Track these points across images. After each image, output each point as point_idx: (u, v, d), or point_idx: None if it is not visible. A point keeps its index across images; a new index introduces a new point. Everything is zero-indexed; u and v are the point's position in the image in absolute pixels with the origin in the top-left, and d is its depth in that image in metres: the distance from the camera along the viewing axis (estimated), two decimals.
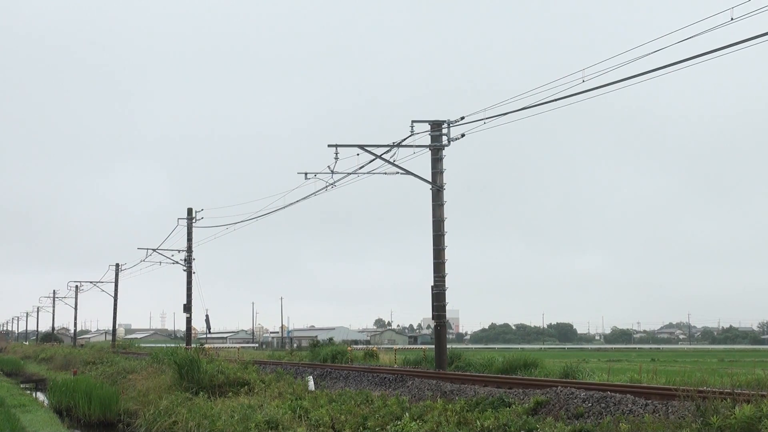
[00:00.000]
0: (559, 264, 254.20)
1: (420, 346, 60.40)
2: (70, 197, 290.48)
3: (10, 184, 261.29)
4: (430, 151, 27.33)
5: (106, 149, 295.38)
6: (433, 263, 27.03)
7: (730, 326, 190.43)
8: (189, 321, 50.14)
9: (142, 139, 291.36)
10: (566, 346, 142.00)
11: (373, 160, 28.23)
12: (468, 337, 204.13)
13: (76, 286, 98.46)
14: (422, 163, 27.56)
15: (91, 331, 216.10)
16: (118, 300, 79.15)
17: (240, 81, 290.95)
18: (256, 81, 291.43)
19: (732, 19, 16.29)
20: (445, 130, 27.01)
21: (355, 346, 54.80)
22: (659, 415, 13.14)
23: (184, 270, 49.67)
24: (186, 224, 49.48)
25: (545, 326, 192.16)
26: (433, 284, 27.00)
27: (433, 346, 28.61)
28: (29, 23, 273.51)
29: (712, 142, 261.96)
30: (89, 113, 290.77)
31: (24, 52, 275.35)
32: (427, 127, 27.17)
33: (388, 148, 27.84)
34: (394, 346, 52.86)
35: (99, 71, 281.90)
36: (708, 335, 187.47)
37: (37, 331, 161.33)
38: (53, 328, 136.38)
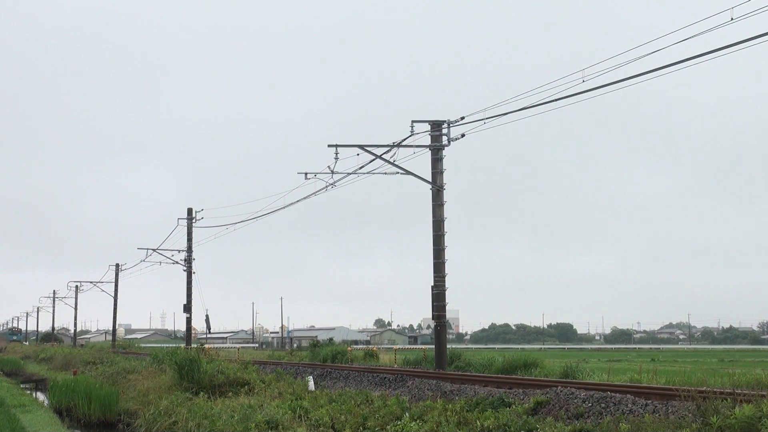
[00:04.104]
0: (559, 264, 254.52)
1: (420, 346, 60.37)
2: (70, 197, 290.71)
3: (11, 183, 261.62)
4: (430, 151, 27.34)
5: (107, 149, 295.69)
6: (433, 263, 27.04)
7: (730, 326, 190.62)
8: (189, 321, 50.16)
9: (143, 138, 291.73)
10: (566, 346, 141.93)
11: (373, 160, 28.26)
12: (468, 337, 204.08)
13: (76, 286, 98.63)
14: (422, 163, 27.62)
15: (91, 331, 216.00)
16: (118, 300, 79.31)
17: (240, 82, 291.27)
18: (257, 82, 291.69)
19: (732, 19, 16.30)
20: (445, 130, 27.02)
21: (355, 346, 54.81)
22: (659, 415, 13.14)
23: (184, 270, 49.71)
24: (186, 224, 49.53)
25: (545, 326, 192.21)
26: (433, 284, 27.00)
27: (433, 346, 28.61)
28: (37, 22, 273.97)
29: (715, 141, 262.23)
30: (92, 112, 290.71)
31: (30, 51, 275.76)
32: (427, 127, 27.18)
33: (388, 148, 27.86)
34: (394, 346, 52.83)
35: (103, 70, 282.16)
36: (708, 335, 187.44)
37: (37, 331, 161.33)
38: (53, 328, 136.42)
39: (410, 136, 27.06)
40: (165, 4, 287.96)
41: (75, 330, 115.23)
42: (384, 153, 27.97)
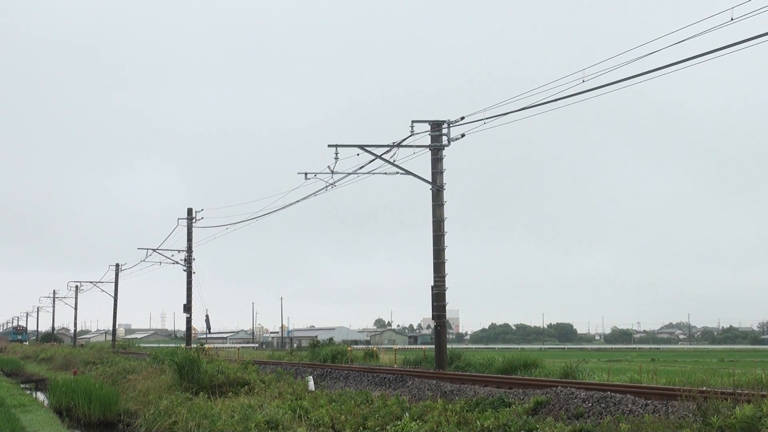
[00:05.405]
0: (560, 264, 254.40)
1: (420, 346, 60.36)
2: (70, 197, 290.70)
3: (12, 183, 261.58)
4: (430, 151, 27.35)
5: (108, 148, 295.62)
6: (433, 263, 27.04)
7: (730, 326, 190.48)
8: (189, 321, 50.16)
9: (145, 138, 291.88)
10: (566, 346, 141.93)
11: (373, 160, 28.27)
12: (468, 337, 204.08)
13: (76, 286, 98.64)
14: (422, 163, 27.64)
15: (91, 331, 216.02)
16: (118, 300, 79.32)
17: (241, 82, 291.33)
18: (257, 82, 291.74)
19: (732, 19, 16.30)
20: (445, 130, 27.03)
21: (355, 346, 54.80)
22: (659, 415, 13.14)
23: (184, 270, 49.70)
24: (186, 224, 49.53)
25: (545, 326, 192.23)
26: (433, 284, 27.01)
27: (433, 346, 28.62)
28: (40, 20, 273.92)
29: (715, 142, 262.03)
30: (94, 111, 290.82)
31: (32, 49, 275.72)
32: (427, 127, 27.20)
33: (388, 148, 27.87)
34: (394, 346, 52.83)
35: (105, 68, 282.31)
36: (708, 335, 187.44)
37: (37, 331, 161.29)
38: (53, 328, 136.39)
39: (410, 136, 27.09)
40: (168, 5, 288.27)
41: (75, 330, 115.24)
42: (384, 153, 27.99)
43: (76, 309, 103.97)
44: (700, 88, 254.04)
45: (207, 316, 51.55)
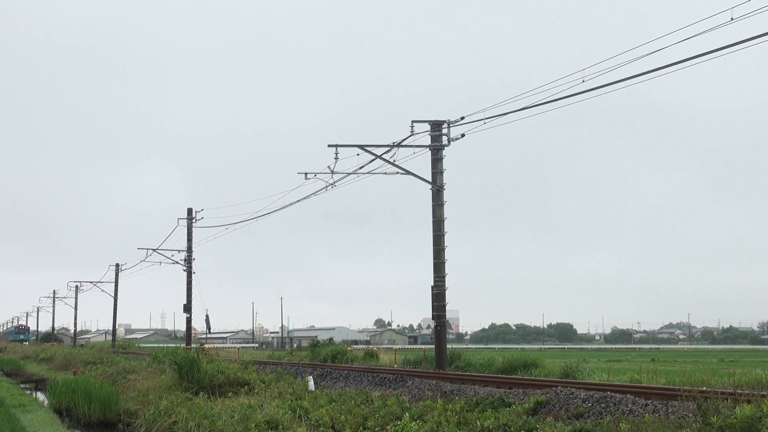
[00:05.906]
0: (560, 264, 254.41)
1: (420, 346, 60.38)
2: (70, 197, 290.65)
3: (13, 183, 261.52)
4: (430, 151, 27.35)
5: (109, 148, 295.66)
6: (433, 263, 27.04)
7: (730, 326, 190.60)
8: (189, 321, 50.17)
9: (145, 138, 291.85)
10: (566, 346, 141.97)
11: (373, 160, 28.27)
12: (468, 337, 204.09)
13: (76, 286, 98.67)
14: (422, 163, 27.65)
15: (91, 331, 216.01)
16: (118, 300, 79.33)
17: (240, 81, 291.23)
18: (258, 81, 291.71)
19: (732, 19, 16.31)
20: (445, 130, 27.03)
21: (355, 346, 54.81)
22: (659, 415, 13.14)
23: (184, 270, 49.71)
24: (186, 224, 49.53)
25: (545, 326, 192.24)
26: (433, 284, 27.01)
27: (433, 346, 28.62)
28: (42, 19, 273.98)
29: (715, 142, 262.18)
30: (95, 111, 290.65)
31: (33, 48, 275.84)
32: (427, 127, 27.20)
33: (388, 148, 27.87)
34: (394, 346, 52.84)
35: (107, 68, 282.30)
36: (708, 335, 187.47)
37: (37, 331, 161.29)
38: (53, 328, 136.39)
39: (410, 136, 27.10)
40: (168, 5, 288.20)
41: (75, 330, 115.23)
42: (384, 153, 28.00)
43: (76, 309, 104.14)
44: (700, 88, 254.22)
45: (207, 316, 51.59)
